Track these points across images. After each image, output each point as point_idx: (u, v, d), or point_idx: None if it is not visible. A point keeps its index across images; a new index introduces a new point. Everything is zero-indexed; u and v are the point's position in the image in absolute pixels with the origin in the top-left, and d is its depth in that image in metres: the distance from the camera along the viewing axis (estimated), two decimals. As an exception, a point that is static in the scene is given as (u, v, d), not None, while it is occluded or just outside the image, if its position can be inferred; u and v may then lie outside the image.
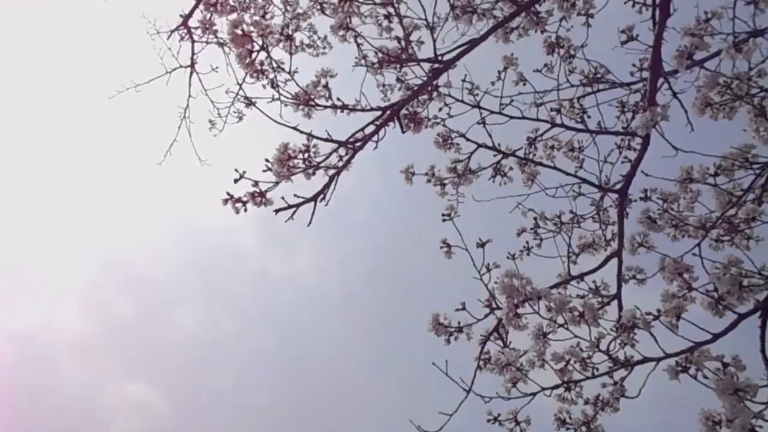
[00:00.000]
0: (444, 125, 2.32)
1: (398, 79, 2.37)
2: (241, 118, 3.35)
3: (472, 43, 2.37)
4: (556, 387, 1.73)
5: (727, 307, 1.72)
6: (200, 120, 3.52)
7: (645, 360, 1.67)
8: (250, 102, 2.22)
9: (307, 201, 2.07)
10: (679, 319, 1.67)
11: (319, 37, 3.21)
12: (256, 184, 1.93)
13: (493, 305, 2.08)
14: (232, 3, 3.06)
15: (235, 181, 1.92)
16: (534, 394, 1.72)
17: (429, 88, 2.40)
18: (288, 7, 3.16)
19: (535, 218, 2.33)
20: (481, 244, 2.12)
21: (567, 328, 1.68)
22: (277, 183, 1.99)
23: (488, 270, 2.08)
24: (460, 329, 2.10)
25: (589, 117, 2.37)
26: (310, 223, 2.10)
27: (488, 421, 1.78)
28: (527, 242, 2.31)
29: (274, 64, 2.19)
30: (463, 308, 2.09)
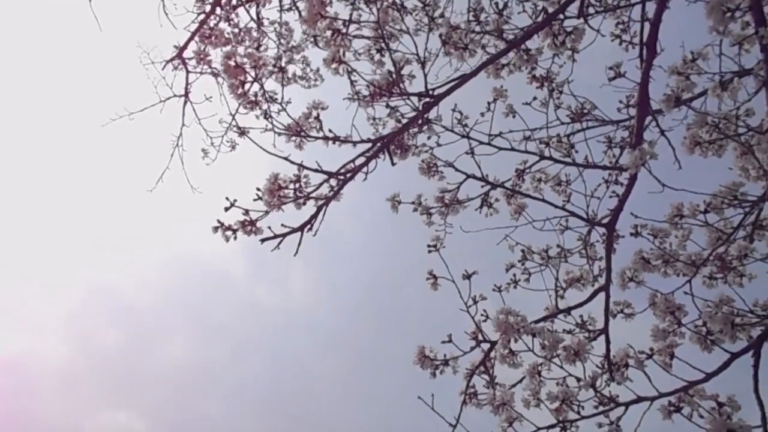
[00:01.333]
0: (432, 154, 2.31)
1: (388, 106, 2.36)
2: (234, 147, 3.34)
3: (463, 78, 2.38)
4: (552, 427, 1.69)
5: (714, 342, 1.72)
6: (193, 148, 3.51)
7: (639, 399, 1.65)
8: (243, 132, 2.20)
9: (294, 231, 2.05)
10: (672, 358, 1.65)
11: (311, 69, 3.24)
12: (246, 212, 1.91)
13: (480, 338, 2.05)
14: (226, 35, 3.06)
15: (226, 209, 1.91)
16: (529, 434, 1.68)
17: (420, 122, 2.40)
18: (282, 40, 3.18)
19: (522, 251, 2.31)
20: (468, 276, 2.10)
21: (561, 366, 1.65)
22: (267, 212, 1.98)
23: (475, 302, 2.05)
24: (446, 362, 2.05)
25: (576, 151, 2.38)
26: (296, 253, 2.08)
27: (484, 461, 1.73)
28: (514, 275, 2.29)
29: (267, 95, 2.18)
30: (450, 341, 2.05)
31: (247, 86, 2.39)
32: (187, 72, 3.48)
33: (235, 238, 1.95)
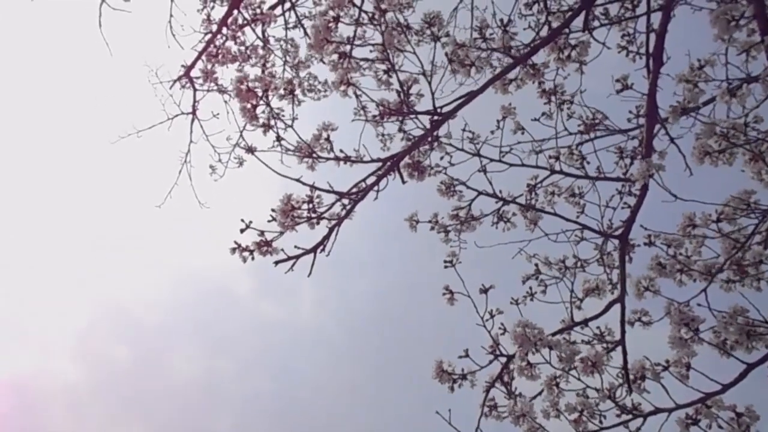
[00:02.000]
0: (446, 173, 2.34)
1: (400, 129, 2.40)
2: (241, 164, 3.40)
3: (471, 95, 2.42)
4: (572, 439, 1.70)
5: (733, 348, 1.72)
6: (201, 165, 3.57)
7: (657, 411, 1.66)
8: (251, 150, 2.26)
9: (307, 252, 2.09)
10: (689, 369, 1.66)
11: (319, 82, 3.29)
12: (262, 233, 1.96)
13: (497, 352, 2.07)
14: (233, 53, 3.13)
15: (242, 231, 1.96)
16: (549, 447, 1.69)
17: (429, 139, 2.43)
18: (288, 57, 3.24)
19: (536, 264, 2.33)
20: (484, 290, 2.12)
21: (578, 378, 1.66)
22: (281, 233, 2.02)
23: (491, 316, 2.07)
24: (464, 376, 2.08)
25: (588, 163, 2.40)
26: (310, 274, 2.11)
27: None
28: (530, 288, 2.31)
29: (279, 116, 2.24)
30: (467, 355, 2.07)
31: (258, 110, 2.46)
32: (195, 90, 3.57)
33: (253, 258, 2.00)
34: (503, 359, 2.07)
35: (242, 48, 3.41)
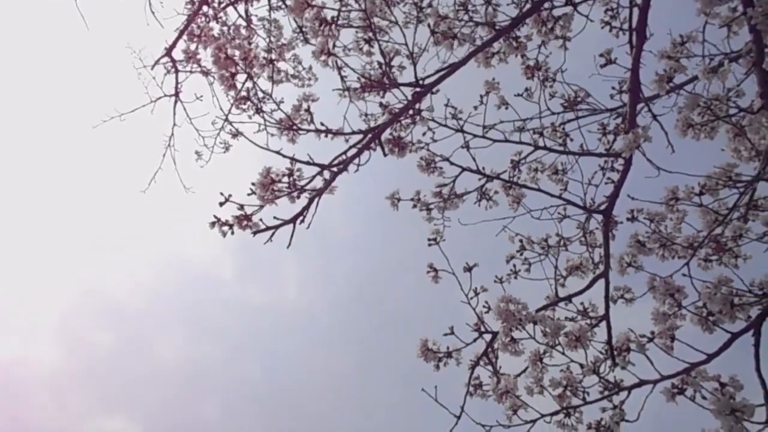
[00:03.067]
0: (428, 149, 2.31)
1: (381, 105, 2.36)
2: (227, 149, 3.32)
3: (453, 67, 2.38)
4: (556, 413, 1.70)
5: (716, 323, 1.72)
6: (186, 149, 3.49)
7: (642, 383, 1.66)
8: (237, 133, 2.21)
9: (286, 223, 2.04)
10: (673, 340, 1.66)
11: (303, 68, 3.23)
12: (241, 207, 1.91)
13: (482, 329, 2.05)
14: (215, 34, 3.06)
15: (221, 204, 1.92)
16: (534, 421, 1.69)
17: (411, 112, 2.40)
18: (272, 38, 3.17)
19: (521, 241, 2.32)
20: (469, 269, 2.11)
21: (563, 353, 1.66)
22: (261, 207, 1.97)
23: (476, 294, 2.06)
24: (449, 354, 2.06)
25: (571, 140, 2.39)
26: (289, 245, 2.07)
27: (488, 450, 1.74)
28: (514, 266, 2.30)
29: (260, 93, 2.19)
30: (452, 333, 2.05)
31: (237, 78, 2.40)
32: (177, 71, 3.49)
33: (232, 233, 1.96)
34: (488, 336, 2.06)
35: (225, 28, 3.34)
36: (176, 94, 3.49)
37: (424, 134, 2.38)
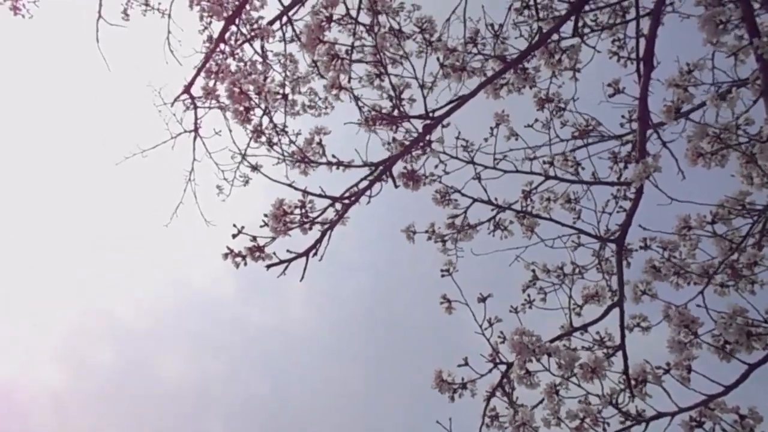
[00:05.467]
0: (440, 182, 2.34)
1: (394, 140, 2.41)
2: (246, 182, 3.39)
3: (462, 99, 2.42)
4: (574, 447, 1.69)
5: (732, 352, 1.71)
6: (206, 182, 3.58)
7: (659, 415, 1.64)
8: (255, 166, 2.27)
9: (299, 256, 2.08)
10: (690, 372, 1.65)
11: (319, 98, 3.30)
12: (254, 239, 1.95)
13: (497, 360, 2.05)
14: (233, 69, 3.15)
15: (233, 236, 1.96)
16: (551, 455, 1.68)
17: (421, 144, 2.44)
18: (287, 72, 3.26)
19: (533, 271, 2.32)
20: (483, 299, 2.11)
21: (579, 385, 1.65)
22: (274, 238, 2.01)
23: (490, 324, 2.06)
24: (464, 385, 2.06)
25: (582, 169, 2.40)
26: (302, 278, 2.10)
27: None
28: (529, 295, 2.30)
29: (272, 123, 2.24)
30: (466, 364, 2.05)
31: (251, 113, 2.47)
32: (196, 108, 3.58)
33: (245, 264, 1.99)
34: (503, 367, 2.06)
35: (241, 64, 3.43)
36: (196, 130, 3.58)
37: (436, 167, 2.42)
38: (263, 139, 2.77)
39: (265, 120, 2.77)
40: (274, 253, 2.02)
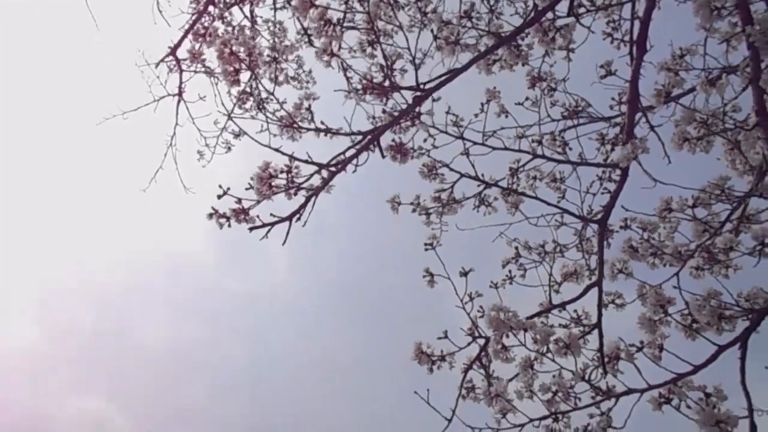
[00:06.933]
0: (429, 156, 2.35)
1: (383, 111, 2.40)
2: (229, 149, 3.35)
3: (454, 73, 2.41)
4: (545, 418, 1.73)
5: (698, 330, 1.76)
6: (188, 148, 3.53)
7: (630, 391, 1.69)
8: (239, 132, 2.25)
9: (283, 220, 2.08)
10: (662, 351, 1.69)
11: (304, 71, 3.26)
12: (239, 201, 1.95)
13: (476, 333, 2.09)
14: (220, 33, 3.10)
15: (219, 197, 1.96)
16: (523, 425, 1.72)
17: (411, 115, 2.43)
18: (276, 39, 3.22)
19: (516, 248, 2.35)
20: (464, 273, 2.13)
21: (553, 360, 1.69)
22: (258, 201, 2.01)
23: (471, 299, 2.08)
24: (442, 358, 2.09)
25: (570, 149, 2.42)
26: (284, 242, 2.10)
27: (476, 452, 1.77)
28: (510, 271, 2.33)
29: (262, 91, 2.22)
30: (446, 336, 2.08)
31: (240, 75, 2.45)
32: (181, 71, 3.51)
33: (229, 225, 1.99)
34: (481, 341, 2.10)
35: (229, 28, 3.37)
36: (179, 94, 3.51)
37: (425, 141, 2.42)
38: (249, 104, 2.74)
39: (254, 85, 2.75)
40: (258, 216, 2.02)
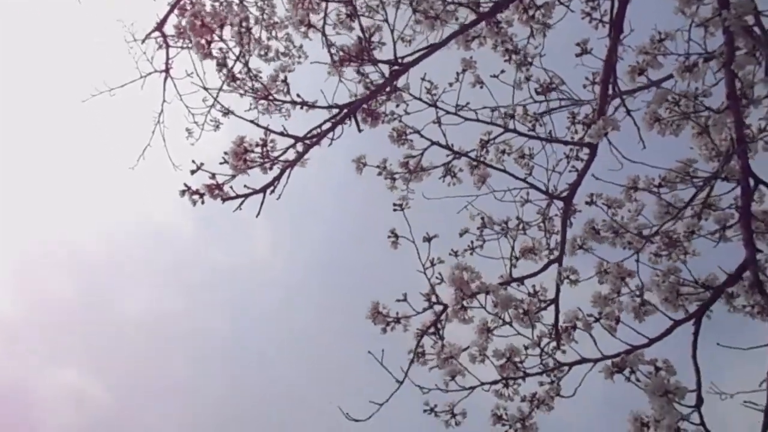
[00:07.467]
0: (400, 121, 2.31)
1: (359, 72, 2.34)
2: (218, 127, 3.27)
3: (432, 48, 2.38)
4: (495, 383, 1.72)
5: (647, 313, 1.78)
6: (176, 125, 3.44)
7: (583, 360, 1.69)
8: (227, 111, 2.23)
9: (256, 192, 2.06)
10: (618, 322, 1.69)
11: (294, 46, 3.20)
12: (213, 176, 1.91)
13: (433, 300, 2.06)
14: (208, 10, 3.00)
15: (192, 172, 1.94)
16: (473, 388, 1.70)
17: (388, 89, 2.39)
18: (264, 16, 3.14)
19: (482, 218, 2.33)
20: (428, 239, 2.11)
21: (511, 325, 1.67)
22: (233, 176, 1.98)
23: (432, 264, 2.06)
24: (397, 320, 2.07)
25: (541, 125, 2.41)
26: (258, 214, 2.10)
27: (424, 411, 1.75)
28: (472, 242, 2.31)
29: (238, 61, 2.17)
30: (405, 299, 2.06)
31: (213, 47, 2.38)
32: (168, 47, 3.44)
33: (203, 202, 1.97)
34: (438, 308, 2.07)
35: (216, 3, 3.27)
36: (167, 70, 3.43)
37: (397, 106, 2.38)
38: (224, 72, 2.65)
39: (236, 62, 2.66)
40: (232, 187, 1.99)
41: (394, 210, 2.08)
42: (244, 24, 3.12)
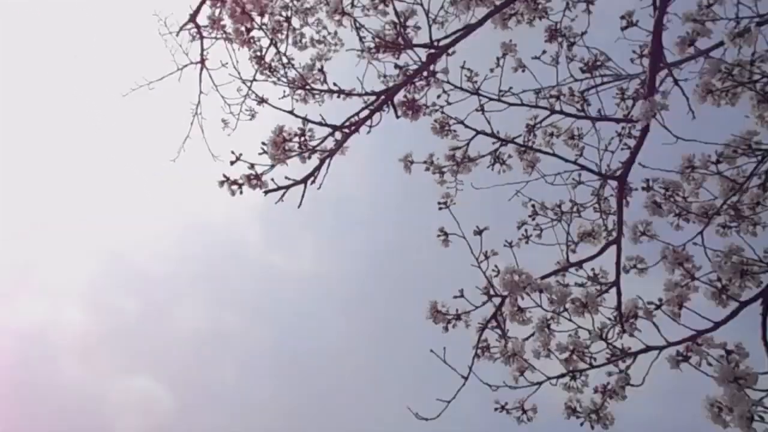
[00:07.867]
0: (442, 112, 2.30)
1: (396, 66, 2.34)
2: (253, 116, 3.32)
3: (469, 29, 2.34)
4: (562, 376, 1.72)
5: (731, 297, 1.71)
6: (214, 116, 3.51)
7: (648, 349, 1.67)
8: (262, 99, 2.24)
9: (297, 183, 2.06)
10: (681, 308, 1.66)
11: (329, 33, 3.19)
12: (252, 166, 1.93)
13: (491, 292, 2.07)
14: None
15: (231, 163, 1.94)
16: (540, 383, 1.72)
17: (425, 74, 2.37)
18: (295, 2, 3.15)
19: (533, 206, 2.31)
20: (479, 232, 2.11)
21: (570, 319, 1.67)
22: (272, 166, 1.99)
23: (486, 257, 2.06)
24: (458, 317, 2.08)
25: (589, 105, 2.35)
26: (300, 204, 2.08)
27: (495, 409, 1.77)
28: (526, 231, 2.30)
29: (278, 52, 2.19)
30: (461, 296, 2.07)
31: (252, 36, 2.40)
32: (202, 38, 3.46)
33: (241, 192, 1.96)
34: (497, 300, 2.08)
35: None
36: (202, 61, 3.46)
37: (438, 97, 2.36)
38: (261, 64, 2.69)
39: (271, 49, 2.69)
40: (273, 180, 2.00)
41: (440, 208, 2.08)
42: (283, 13, 3.15)
